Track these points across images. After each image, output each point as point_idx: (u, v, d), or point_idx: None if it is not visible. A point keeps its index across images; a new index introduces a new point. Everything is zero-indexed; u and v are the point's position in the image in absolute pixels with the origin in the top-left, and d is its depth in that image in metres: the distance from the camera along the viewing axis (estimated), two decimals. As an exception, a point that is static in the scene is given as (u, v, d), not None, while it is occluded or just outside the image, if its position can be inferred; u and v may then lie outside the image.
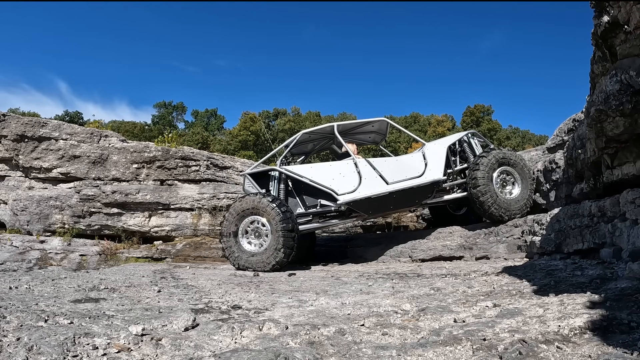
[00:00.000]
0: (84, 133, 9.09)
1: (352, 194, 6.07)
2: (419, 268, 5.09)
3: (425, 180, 6.19)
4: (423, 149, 6.63)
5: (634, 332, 1.72)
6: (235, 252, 5.88)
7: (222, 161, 9.51)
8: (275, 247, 5.67)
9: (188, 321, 2.24)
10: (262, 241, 5.89)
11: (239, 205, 5.97)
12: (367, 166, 6.23)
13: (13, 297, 2.97)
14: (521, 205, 6.00)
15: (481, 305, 2.51)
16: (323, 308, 2.80)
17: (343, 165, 6.30)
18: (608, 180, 3.61)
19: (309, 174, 6.23)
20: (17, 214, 8.82)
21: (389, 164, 6.34)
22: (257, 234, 5.94)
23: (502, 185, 6.14)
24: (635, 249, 2.93)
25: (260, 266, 5.71)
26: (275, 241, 5.69)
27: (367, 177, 6.15)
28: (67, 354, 1.70)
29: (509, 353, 1.65)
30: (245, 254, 5.86)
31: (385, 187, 6.12)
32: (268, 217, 5.77)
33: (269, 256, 5.70)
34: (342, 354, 1.82)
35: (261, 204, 5.84)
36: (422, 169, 6.28)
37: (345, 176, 6.18)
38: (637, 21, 2.54)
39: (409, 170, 6.28)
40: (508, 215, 5.91)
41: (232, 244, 5.92)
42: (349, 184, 6.13)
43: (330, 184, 6.13)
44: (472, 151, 6.61)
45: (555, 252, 4.34)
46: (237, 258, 5.86)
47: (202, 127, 38.14)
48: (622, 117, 2.98)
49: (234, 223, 5.95)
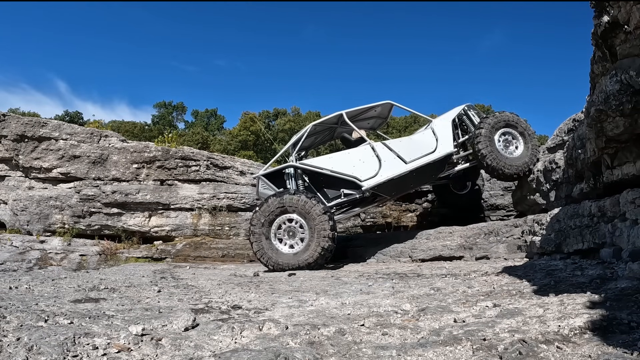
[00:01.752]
0: (84, 133, 9.09)
1: (375, 178, 6.12)
2: (419, 268, 5.09)
3: (439, 155, 6.36)
4: (431, 125, 6.72)
5: (634, 332, 1.72)
6: (267, 252, 5.63)
7: (222, 161, 9.51)
8: (318, 245, 5.51)
9: (188, 321, 2.24)
10: (298, 240, 5.70)
11: (271, 204, 5.69)
12: (385, 149, 6.28)
13: (13, 297, 2.97)
14: (524, 162, 6.27)
15: (481, 305, 2.51)
16: (323, 308, 2.80)
17: (361, 151, 6.31)
18: (608, 180, 3.61)
19: (329, 165, 6.19)
20: (17, 214, 8.82)
21: (404, 144, 6.44)
22: (290, 232, 5.73)
23: (505, 145, 6.42)
24: (635, 249, 2.93)
25: (300, 266, 5.50)
26: (316, 239, 5.52)
27: (386, 160, 6.22)
28: (67, 354, 1.70)
29: (509, 353, 1.65)
30: (280, 254, 5.64)
31: (405, 167, 6.22)
32: (305, 214, 5.59)
33: (310, 255, 5.52)
34: (342, 354, 1.82)
35: (297, 201, 5.63)
36: (434, 144, 6.41)
37: (365, 162, 6.21)
38: (637, 21, 2.54)
39: (423, 147, 6.39)
40: (510, 170, 6.21)
41: (264, 244, 5.65)
42: (370, 168, 6.17)
43: (352, 172, 6.13)
44: (472, 122, 6.82)
45: (555, 252, 4.34)
46: (270, 259, 5.62)
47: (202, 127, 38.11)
48: (622, 117, 2.98)
49: (265, 222, 5.68)
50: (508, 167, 6.21)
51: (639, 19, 2.52)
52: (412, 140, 6.56)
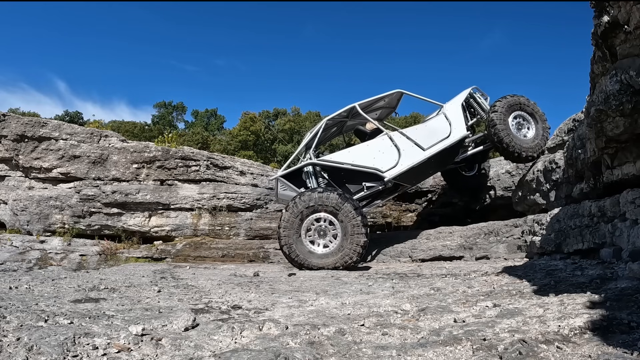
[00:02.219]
0: (84, 133, 9.09)
1: (396, 168, 6.13)
2: (419, 268, 5.09)
3: (454, 139, 6.40)
4: (443, 110, 6.72)
5: (634, 332, 1.72)
6: (301, 255, 5.45)
7: (222, 161, 9.52)
8: (353, 242, 5.40)
9: (188, 321, 2.24)
10: (329, 239, 5.56)
11: (301, 203, 5.51)
12: (402, 137, 6.29)
13: (13, 297, 2.97)
14: (537, 144, 6.38)
15: (481, 305, 2.51)
16: (323, 308, 2.80)
17: (379, 142, 6.30)
18: (608, 180, 3.61)
19: (349, 159, 6.14)
20: (17, 214, 8.82)
21: (420, 131, 6.45)
22: (322, 232, 5.58)
23: (518, 128, 6.52)
24: (635, 249, 2.93)
25: (334, 265, 5.37)
26: (350, 236, 5.41)
27: (404, 148, 6.22)
28: (67, 354, 1.70)
29: (509, 353, 1.65)
30: (314, 255, 5.47)
31: (423, 154, 6.23)
32: (337, 212, 5.47)
33: (346, 254, 5.40)
34: (342, 354, 1.82)
35: (329, 199, 5.49)
36: (448, 129, 6.45)
37: (385, 152, 6.20)
38: (637, 21, 2.54)
39: (438, 133, 6.42)
40: (525, 152, 6.29)
41: (296, 246, 5.47)
42: (390, 159, 6.17)
43: (373, 164, 6.11)
44: (479, 105, 6.91)
45: (555, 252, 4.34)
46: (303, 260, 5.45)
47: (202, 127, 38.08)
48: (622, 117, 2.98)
49: (296, 224, 5.49)
50: (524, 150, 6.32)
51: (639, 19, 2.52)
52: (427, 127, 6.56)
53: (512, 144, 6.24)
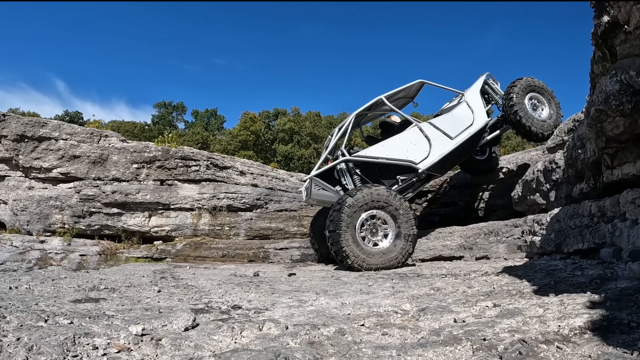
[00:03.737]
0: (84, 133, 9.09)
1: (428, 158, 6.21)
2: (419, 268, 5.09)
3: (478, 127, 6.58)
4: (464, 98, 6.83)
5: (634, 332, 1.72)
6: (355, 251, 5.25)
7: (222, 161, 9.52)
8: (406, 241, 5.37)
9: (188, 321, 2.24)
10: (381, 237, 5.47)
11: (355, 200, 5.35)
12: (431, 127, 6.37)
13: (13, 297, 2.97)
14: (551, 124, 6.62)
15: (481, 305, 2.51)
16: (323, 308, 2.80)
17: (410, 133, 6.35)
18: (608, 180, 3.61)
19: (384, 153, 6.14)
20: (17, 214, 8.82)
21: (447, 120, 6.54)
22: (373, 230, 5.48)
23: (533, 108, 6.74)
24: (635, 249, 2.93)
25: (389, 264, 5.26)
26: (403, 235, 5.37)
27: (434, 139, 6.30)
28: (67, 354, 1.70)
29: (509, 353, 1.65)
30: (370, 254, 5.31)
31: (452, 143, 6.36)
32: (390, 208, 5.41)
33: (399, 252, 5.35)
34: (342, 354, 1.82)
35: (382, 196, 5.41)
36: (471, 117, 6.60)
37: (417, 144, 6.26)
38: (637, 21, 2.54)
39: (463, 121, 6.55)
40: (542, 132, 6.58)
41: (352, 246, 5.25)
42: (422, 150, 6.24)
43: (407, 156, 6.16)
44: (494, 91, 7.10)
45: (555, 252, 4.34)
46: (358, 259, 5.24)
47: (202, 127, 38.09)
48: (622, 117, 2.98)
49: (351, 222, 5.30)
50: (541, 128, 6.55)
51: (639, 19, 2.52)
52: (452, 116, 6.65)
53: (530, 124, 6.50)
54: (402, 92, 6.97)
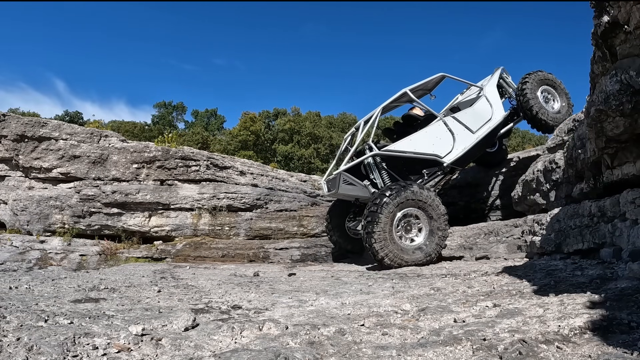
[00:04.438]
0: (84, 133, 9.09)
1: (453, 152, 6.28)
2: (419, 268, 5.09)
3: (496, 121, 6.68)
4: (483, 92, 6.92)
5: (634, 332, 1.72)
6: (393, 250, 5.28)
7: (222, 161, 9.52)
8: (439, 237, 5.45)
9: (188, 321, 2.24)
10: (414, 234, 5.52)
11: (391, 199, 5.37)
12: (455, 122, 6.44)
13: (13, 297, 2.97)
14: (562, 116, 6.74)
15: (481, 305, 2.50)
16: (323, 308, 2.80)
17: (436, 128, 6.40)
18: (608, 180, 3.61)
19: (412, 147, 6.17)
20: (17, 214, 8.82)
21: (468, 114, 6.62)
22: (407, 227, 5.53)
23: (545, 101, 6.85)
24: (635, 249, 2.93)
25: (423, 261, 5.33)
26: (436, 231, 5.45)
27: (458, 133, 6.38)
28: (67, 354, 1.70)
29: (509, 353, 1.65)
30: (406, 251, 5.36)
31: (473, 137, 6.44)
32: (426, 206, 5.46)
33: (433, 249, 5.41)
34: (342, 354, 1.82)
35: (421, 194, 5.48)
36: (490, 111, 6.70)
37: (442, 138, 6.33)
38: (637, 21, 2.54)
39: (483, 116, 6.64)
40: (555, 124, 6.61)
41: (387, 241, 5.28)
42: (446, 144, 6.31)
43: (433, 150, 6.22)
44: (508, 84, 7.23)
45: (555, 252, 4.34)
46: (395, 256, 5.27)
47: (202, 127, 38.08)
48: (622, 117, 2.98)
49: (388, 220, 5.31)
50: (553, 121, 6.64)
51: (639, 19, 2.52)
52: (474, 110, 6.73)
53: (544, 116, 6.61)
54: (423, 84, 7.05)
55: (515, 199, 6.84)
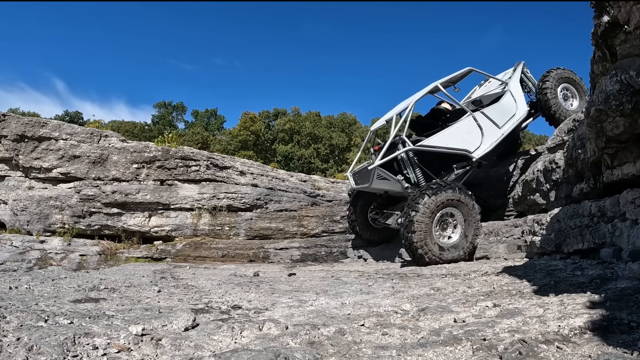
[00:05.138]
0: (84, 133, 9.09)
1: (481, 147, 6.34)
2: (419, 268, 5.09)
3: (520, 117, 6.73)
4: (508, 87, 6.95)
5: (634, 332, 1.72)
6: (437, 252, 5.37)
7: (222, 161, 9.52)
8: (473, 235, 5.53)
9: (188, 321, 2.24)
10: (451, 232, 5.60)
11: (433, 201, 5.44)
12: (483, 117, 6.49)
13: (13, 297, 2.97)
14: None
15: (481, 305, 2.51)
16: (323, 308, 2.80)
17: (466, 123, 6.45)
18: (608, 180, 3.61)
19: (444, 142, 6.22)
20: (17, 214, 8.82)
21: (496, 110, 6.66)
22: (444, 225, 5.61)
23: (564, 99, 6.89)
24: (635, 249, 2.93)
25: (458, 258, 5.41)
26: (471, 229, 5.53)
27: (486, 128, 6.43)
28: (67, 354, 1.70)
29: (509, 353, 1.65)
30: (444, 249, 5.44)
31: (499, 132, 6.49)
32: (462, 205, 5.54)
33: (468, 246, 5.49)
34: (342, 354, 1.82)
35: (459, 194, 5.56)
36: (515, 106, 6.74)
37: (471, 133, 6.38)
38: (637, 21, 2.54)
39: (508, 111, 6.69)
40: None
41: (427, 239, 5.35)
42: (475, 139, 6.36)
43: (463, 145, 6.28)
44: (529, 79, 7.27)
45: (555, 252, 4.34)
46: (433, 254, 5.36)
47: (202, 127, 38.07)
48: (622, 117, 2.98)
49: (429, 218, 5.40)
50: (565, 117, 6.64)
51: (639, 19, 2.52)
52: (501, 105, 6.76)
53: (560, 113, 6.62)
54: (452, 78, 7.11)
55: (515, 199, 6.84)
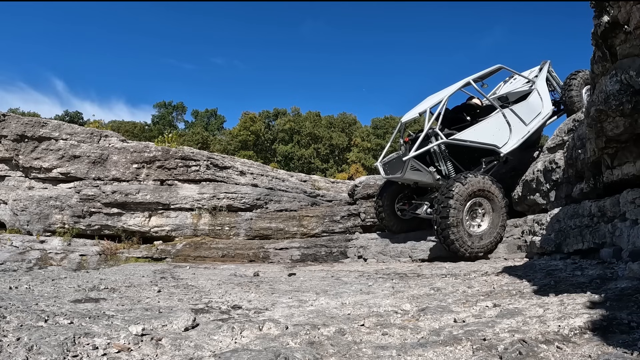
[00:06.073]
0: (84, 133, 9.10)
1: (509, 143, 6.43)
2: (419, 268, 5.09)
3: (545, 115, 6.82)
4: (535, 86, 7.02)
5: (634, 332, 1.72)
6: (467, 240, 5.43)
7: (222, 161, 9.52)
8: (500, 226, 5.61)
9: (188, 321, 2.24)
10: (479, 222, 5.69)
11: (465, 189, 5.51)
12: (512, 114, 6.57)
13: (13, 297, 2.97)
14: None
15: (481, 305, 2.51)
16: (323, 308, 2.80)
17: (496, 119, 6.53)
18: (608, 180, 3.61)
19: (475, 137, 6.31)
20: (17, 214, 8.82)
21: (523, 107, 6.74)
22: (473, 215, 5.68)
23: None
24: (635, 249, 2.93)
25: (486, 249, 5.50)
26: (498, 220, 5.61)
27: (513, 125, 6.51)
28: (67, 354, 1.70)
29: (509, 353, 1.65)
30: (474, 239, 5.50)
31: (526, 129, 6.58)
32: (492, 196, 5.63)
33: (495, 237, 5.57)
34: (342, 354, 1.82)
35: (490, 185, 5.64)
36: (541, 104, 6.83)
37: (500, 129, 6.46)
38: (637, 21, 2.54)
39: (535, 109, 6.78)
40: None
41: (462, 232, 5.42)
42: (504, 135, 6.45)
43: (492, 140, 6.36)
44: (554, 79, 7.35)
45: (555, 252, 4.34)
46: (469, 247, 5.43)
47: (202, 127, 38.08)
48: (622, 117, 2.98)
49: (460, 209, 5.44)
50: None
51: (639, 19, 2.52)
52: (528, 103, 6.83)
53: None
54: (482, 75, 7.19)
55: (515, 199, 6.84)
